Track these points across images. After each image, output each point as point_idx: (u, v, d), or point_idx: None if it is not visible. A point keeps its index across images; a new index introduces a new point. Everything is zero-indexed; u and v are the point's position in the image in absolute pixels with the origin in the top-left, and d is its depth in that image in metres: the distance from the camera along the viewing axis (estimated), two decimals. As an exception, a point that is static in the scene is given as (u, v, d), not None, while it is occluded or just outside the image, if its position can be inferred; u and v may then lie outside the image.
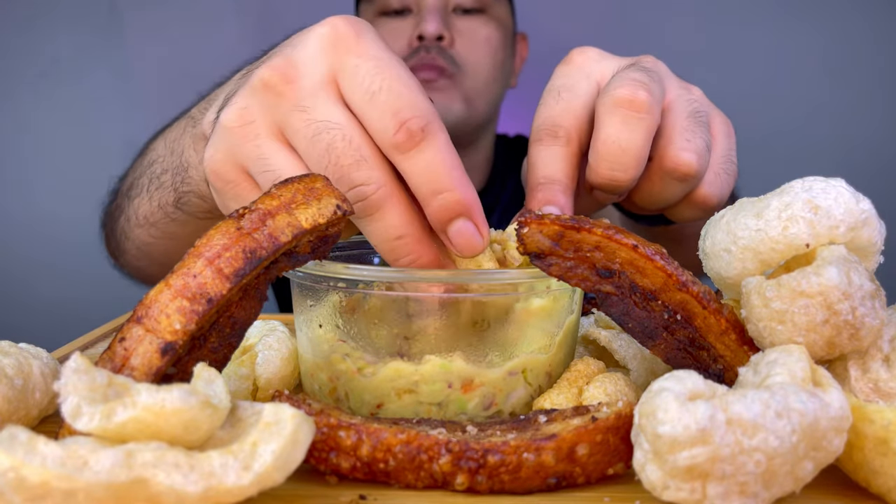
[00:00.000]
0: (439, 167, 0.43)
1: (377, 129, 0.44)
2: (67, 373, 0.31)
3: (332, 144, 0.44)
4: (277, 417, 0.32)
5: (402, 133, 0.43)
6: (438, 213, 0.44)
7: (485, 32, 1.19)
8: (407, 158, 0.43)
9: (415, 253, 0.45)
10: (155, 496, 0.29)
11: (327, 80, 0.45)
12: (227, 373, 0.48)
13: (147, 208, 0.78)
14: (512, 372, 0.46)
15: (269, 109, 0.46)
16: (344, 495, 0.37)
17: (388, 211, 0.44)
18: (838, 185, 0.41)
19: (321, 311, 0.48)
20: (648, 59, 0.56)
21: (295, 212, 0.40)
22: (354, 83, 0.44)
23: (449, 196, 0.43)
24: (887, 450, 0.34)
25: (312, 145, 0.44)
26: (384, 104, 0.43)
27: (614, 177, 0.51)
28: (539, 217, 0.41)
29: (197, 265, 0.37)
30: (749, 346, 0.42)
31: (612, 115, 0.50)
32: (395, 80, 0.44)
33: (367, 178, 0.44)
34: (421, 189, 0.44)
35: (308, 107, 0.45)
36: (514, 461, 0.36)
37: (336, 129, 0.44)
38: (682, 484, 0.32)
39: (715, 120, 0.57)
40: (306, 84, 0.45)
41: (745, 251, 0.41)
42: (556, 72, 0.58)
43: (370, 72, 0.44)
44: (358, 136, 0.44)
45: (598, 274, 0.42)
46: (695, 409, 0.31)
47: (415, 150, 0.43)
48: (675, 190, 0.54)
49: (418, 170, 0.43)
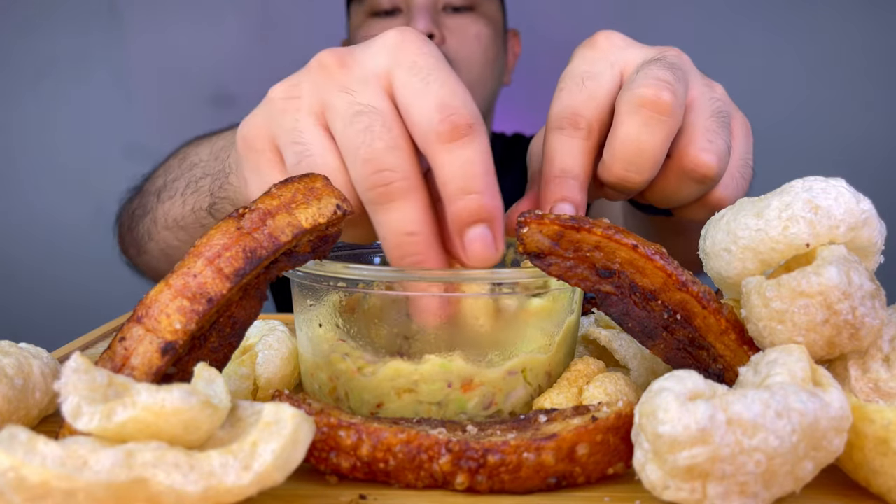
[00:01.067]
0: (476, 167, 0.43)
1: (421, 119, 0.43)
2: (67, 373, 0.31)
3: (371, 126, 0.44)
4: (277, 417, 0.32)
5: (447, 123, 0.42)
6: (461, 213, 0.43)
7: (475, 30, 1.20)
8: (446, 151, 0.43)
9: (422, 255, 0.44)
10: (155, 496, 0.29)
11: (381, 74, 0.46)
12: (227, 373, 0.48)
13: (179, 211, 0.78)
14: (512, 371, 0.46)
15: (317, 88, 0.47)
16: (344, 495, 0.37)
17: (407, 203, 0.43)
18: (838, 185, 0.41)
19: (321, 310, 0.48)
20: (673, 51, 0.54)
21: (295, 211, 0.40)
22: (409, 76, 0.44)
23: (477, 199, 0.43)
24: (887, 450, 0.34)
25: (350, 125, 0.44)
26: (434, 95, 0.43)
27: (628, 178, 0.49)
28: (539, 217, 0.41)
29: (197, 265, 0.37)
30: (749, 346, 0.42)
31: (634, 114, 0.48)
32: (449, 77, 0.44)
33: (395, 165, 0.43)
34: (450, 185, 0.43)
35: (355, 90, 0.45)
36: (514, 461, 0.36)
37: (377, 114, 0.44)
38: (682, 484, 0.32)
39: (736, 120, 0.55)
40: (358, 72, 0.46)
41: (746, 251, 0.41)
42: (578, 54, 0.55)
43: (426, 68, 0.44)
44: (397, 126, 0.44)
45: (598, 274, 0.42)
46: (695, 409, 0.31)
47: (455, 144, 0.43)
48: (691, 191, 0.52)
49: (454, 165, 0.43)
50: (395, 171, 0.43)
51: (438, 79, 0.44)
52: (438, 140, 0.43)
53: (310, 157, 0.46)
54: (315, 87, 0.47)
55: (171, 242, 0.82)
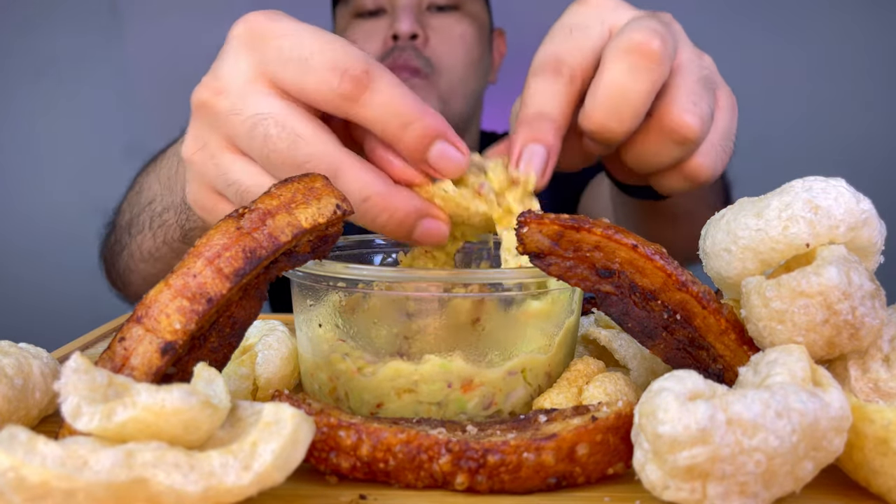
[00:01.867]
0: (398, 101, 0.43)
1: (319, 91, 0.43)
2: (67, 373, 0.31)
3: (267, 133, 0.44)
4: (277, 417, 0.32)
5: (347, 81, 0.42)
6: (413, 143, 0.43)
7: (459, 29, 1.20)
8: (361, 105, 0.43)
9: (387, 210, 0.44)
10: (155, 496, 0.29)
11: (254, 76, 0.45)
12: (227, 373, 0.48)
13: (151, 244, 0.79)
14: (511, 372, 0.46)
15: (211, 127, 0.47)
16: (344, 495, 0.37)
17: (343, 176, 0.44)
18: (838, 185, 0.41)
19: (321, 310, 0.48)
20: (667, 15, 0.53)
21: (295, 211, 0.40)
22: (282, 62, 0.44)
23: (418, 124, 0.43)
24: (887, 450, 0.34)
25: (253, 142, 0.45)
26: (319, 64, 0.43)
27: (609, 126, 0.48)
28: (539, 217, 0.41)
29: (197, 265, 0.37)
30: (749, 346, 0.42)
31: (621, 60, 0.47)
32: (322, 42, 0.44)
33: (308, 155, 0.43)
34: (387, 129, 0.43)
35: (241, 109, 0.45)
36: (514, 461, 0.36)
37: (268, 118, 0.44)
38: (682, 484, 0.32)
39: (722, 93, 0.54)
40: (234, 88, 0.46)
41: (746, 251, 0.41)
42: (568, 10, 0.54)
43: (294, 45, 0.44)
44: (292, 117, 0.44)
45: (598, 274, 0.42)
46: (695, 409, 0.31)
47: (366, 94, 0.43)
48: (670, 152, 0.51)
49: (377, 111, 0.43)
50: (310, 159, 0.43)
51: (312, 46, 0.43)
52: (348, 101, 0.43)
53: (245, 191, 0.46)
54: (210, 128, 0.47)
55: (152, 272, 0.84)
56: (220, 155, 0.47)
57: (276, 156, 0.44)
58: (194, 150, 0.48)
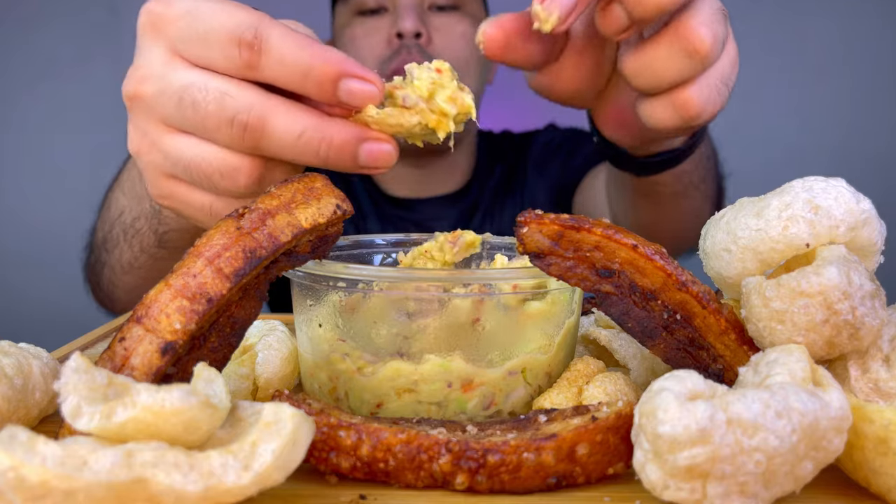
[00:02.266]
0: (290, 54, 0.43)
1: (227, 65, 0.45)
2: (67, 373, 0.31)
3: (195, 100, 0.45)
4: (277, 417, 0.32)
5: (244, 50, 0.44)
6: (319, 90, 0.44)
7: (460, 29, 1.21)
8: (261, 70, 0.44)
9: (324, 140, 0.45)
10: (155, 496, 0.29)
11: (168, 58, 0.46)
12: (227, 373, 0.48)
13: (129, 255, 0.81)
14: (511, 372, 0.46)
15: (146, 114, 0.48)
16: (344, 495, 0.37)
17: (273, 119, 0.45)
18: (838, 185, 0.41)
19: (321, 310, 0.48)
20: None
21: (295, 211, 0.40)
22: (186, 41, 0.45)
23: (316, 70, 0.44)
24: (887, 450, 0.34)
25: (184, 113, 0.45)
26: (216, 39, 0.44)
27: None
28: (539, 217, 0.41)
29: (197, 265, 0.37)
30: (749, 346, 0.42)
31: None
32: (211, 14, 0.45)
33: (235, 108, 0.44)
34: (292, 83, 0.44)
35: (164, 88, 0.46)
36: (514, 461, 0.36)
37: (191, 87, 0.45)
38: (682, 484, 0.32)
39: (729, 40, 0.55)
40: (154, 72, 0.47)
41: (746, 251, 0.41)
42: None
43: (190, 23, 0.45)
44: (214, 81, 0.45)
45: (598, 274, 0.42)
46: (695, 408, 0.31)
47: (262, 58, 0.44)
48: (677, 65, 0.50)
49: (278, 70, 0.44)
50: (240, 110, 0.44)
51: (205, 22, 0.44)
52: (251, 66, 0.44)
53: (191, 163, 0.47)
54: (145, 116, 0.48)
55: (136, 283, 0.85)
56: (160, 138, 0.48)
57: (209, 119, 0.45)
58: (138, 143, 0.49)
